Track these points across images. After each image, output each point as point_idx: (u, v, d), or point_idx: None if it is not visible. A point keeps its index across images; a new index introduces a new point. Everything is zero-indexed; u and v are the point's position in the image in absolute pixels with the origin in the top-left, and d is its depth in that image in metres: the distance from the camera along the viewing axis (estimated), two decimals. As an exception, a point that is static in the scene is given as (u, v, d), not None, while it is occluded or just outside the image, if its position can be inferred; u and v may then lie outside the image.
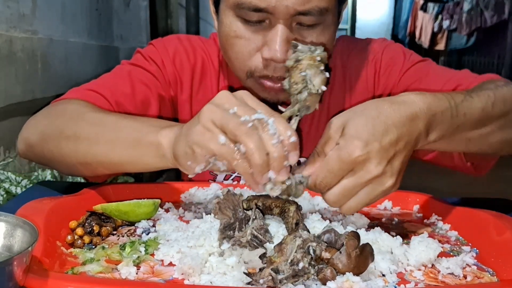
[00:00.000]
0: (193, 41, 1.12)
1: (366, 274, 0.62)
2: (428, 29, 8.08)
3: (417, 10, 8.45)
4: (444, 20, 7.59)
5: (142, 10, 3.21)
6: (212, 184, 0.98)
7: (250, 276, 0.58)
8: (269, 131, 0.63)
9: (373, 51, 1.10)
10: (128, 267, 0.63)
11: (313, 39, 0.91)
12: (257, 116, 0.64)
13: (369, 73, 1.09)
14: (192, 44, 1.11)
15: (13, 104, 1.56)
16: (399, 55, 1.08)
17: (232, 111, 0.64)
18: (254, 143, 0.62)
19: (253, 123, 0.63)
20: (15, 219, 0.59)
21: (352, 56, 1.11)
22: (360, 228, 0.75)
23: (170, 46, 1.09)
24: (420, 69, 1.05)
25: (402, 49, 1.11)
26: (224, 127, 0.63)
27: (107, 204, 0.78)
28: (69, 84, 2.03)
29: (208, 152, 0.65)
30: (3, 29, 1.52)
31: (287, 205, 0.72)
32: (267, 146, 0.62)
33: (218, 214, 0.70)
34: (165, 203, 0.91)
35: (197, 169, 0.67)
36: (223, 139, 0.63)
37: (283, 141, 0.63)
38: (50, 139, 0.88)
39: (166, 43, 1.10)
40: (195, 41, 1.13)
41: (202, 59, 1.10)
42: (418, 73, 1.04)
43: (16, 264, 0.50)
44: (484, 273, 0.67)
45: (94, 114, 0.89)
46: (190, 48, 1.10)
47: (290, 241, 0.60)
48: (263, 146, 0.62)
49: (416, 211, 0.93)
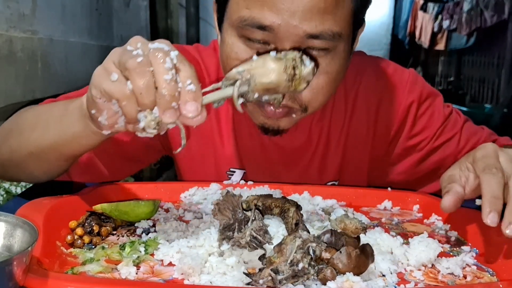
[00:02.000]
0: (187, 52, 1.07)
1: (366, 274, 0.62)
2: (428, 29, 8.08)
3: (417, 10, 8.45)
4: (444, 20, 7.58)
5: (142, 10, 3.21)
6: (212, 184, 0.98)
7: (250, 277, 0.58)
8: (165, 64, 0.59)
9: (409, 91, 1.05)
10: (128, 267, 0.63)
11: (321, 71, 0.84)
12: (157, 45, 0.60)
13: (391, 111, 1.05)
14: (187, 55, 1.03)
15: (13, 104, 1.56)
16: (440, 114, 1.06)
17: (131, 47, 0.61)
18: (142, 81, 0.58)
19: (150, 55, 0.59)
20: (15, 219, 0.59)
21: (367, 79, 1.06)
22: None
23: None
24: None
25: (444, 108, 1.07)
26: (120, 64, 0.61)
27: (107, 204, 0.78)
28: (69, 84, 2.04)
29: (101, 93, 0.62)
30: (3, 29, 1.52)
31: (287, 205, 0.72)
32: (157, 80, 0.59)
33: (218, 215, 0.70)
34: (165, 203, 0.91)
35: (102, 120, 0.64)
36: (115, 76, 0.60)
37: (181, 89, 0.59)
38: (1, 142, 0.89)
39: None
40: (191, 51, 1.08)
41: (198, 71, 1.05)
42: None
43: (16, 264, 0.50)
44: (484, 273, 0.67)
45: (37, 106, 0.89)
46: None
47: (290, 241, 0.60)
48: (152, 86, 0.59)
49: (416, 211, 0.93)
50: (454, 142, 1.05)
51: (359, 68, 1.06)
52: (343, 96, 1.06)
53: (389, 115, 1.06)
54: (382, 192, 0.97)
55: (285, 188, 0.97)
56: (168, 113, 0.59)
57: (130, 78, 0.60)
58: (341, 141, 1.07)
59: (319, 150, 1.07)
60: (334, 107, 1.06)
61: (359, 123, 1.07)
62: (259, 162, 1.07)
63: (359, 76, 1.06)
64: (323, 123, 1.06)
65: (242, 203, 0.72)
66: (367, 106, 1.06)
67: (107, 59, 0.64)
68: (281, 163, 1.08)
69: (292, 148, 1.06)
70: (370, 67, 1.08)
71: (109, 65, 0.63)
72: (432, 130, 1.05)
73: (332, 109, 1.06)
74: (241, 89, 0.65)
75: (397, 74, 1.07)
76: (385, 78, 1.06)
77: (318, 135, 1.06)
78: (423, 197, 0.95)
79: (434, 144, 1.06)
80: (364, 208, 0.93)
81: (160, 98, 0.59)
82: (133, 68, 0.59)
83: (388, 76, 1.07)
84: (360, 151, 1.08)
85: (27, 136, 0.84)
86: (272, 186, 0.97)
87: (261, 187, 0.97)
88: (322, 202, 0.92)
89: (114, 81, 0.60)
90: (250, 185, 0.98)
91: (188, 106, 0.60)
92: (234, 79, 0.66)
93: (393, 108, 1.06)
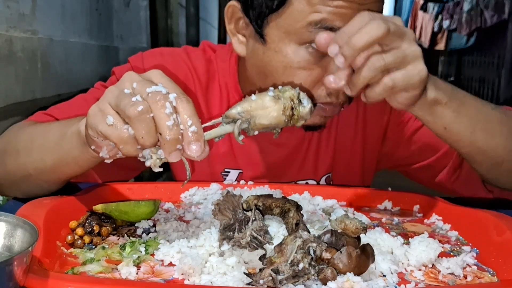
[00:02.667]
0: (176, 55, 1.07)
1: (367, 274, 0.61)
2: (428, 29, 8.08)
3: (417, 10, 8.45)
4: (444, 20, 7.59)
5: (142, 10, 3.21)
6: (212, 184, 0.98)
7: (250, 277, 0.58)
8: (166, 109, 0.60)
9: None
10: (128, 267, 0.63)
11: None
12: (155, 88, 0.61)
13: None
14: (175, 58, 1.06)
15: (13, 104, 1.56)
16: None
17: (128, 90, 0.62)
18: (144, 128, 0.60)
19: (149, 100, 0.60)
20: (15, 219, 0.59)
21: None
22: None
23: (148, 63, 1.03)
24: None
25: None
26: (117, 107, 0.62)
27: (107, 204, 0.78)
28: (69, 84, 2.04)
29: (97, 134, 0.63)
30: (3, 29, 1.52)
31: (288, 205, 0.72)
32: (159, 126, 0.60)
33: (218, 215, 0.70)
34: (165, 203, 0.91)
35: (103, 155, 0.66)
36: (111, 120, 0.61)
37: (183, 131, 0.61)
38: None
39: (145, 60, 1.04)
40: (179, 54, 1.07)
41: (185, 74, 1.05)
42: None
43: (16, 264, 0.50)
44: (484, 273, 0.67)
45: (32, 126, 0.90)
46: (172, 63, 1.05)
47: (290, 241, 0.60)
48: (153, 131, 0.60)
49: (416, 211, 0.93)
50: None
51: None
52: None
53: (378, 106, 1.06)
54: (382, 192, 0.97)
55: (285, 188, 0.97)
56: (174, 154, 0.61)
57: (132, 125, 0.61)
58: (332, 133, 1.09)
59: (312, 146, 1.08)
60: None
61: (348, 113, 1.08)
62: (254, 161, 1.07)
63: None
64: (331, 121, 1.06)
65: (243, 203, 0.72)
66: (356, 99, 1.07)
67: (102, 99, 0.64)
68: (277, 162, 1.08)
69: (288, 146, 1.07)
70: None
71: (105, 107, 0.63)
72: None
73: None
74: (241, 126, 0.69)
75: None
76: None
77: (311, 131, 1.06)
78: (423, 197, 0.95)
79: (416, 122, 1.06)
80: (365, 208, 0.93)
81: (165, 144, 0.61)
82: (134, 116, 0.60)
83: None
84: (351, 140, 1.10)
85: (24, 159, 0.84)
86: (272, 186, 0.97)
87: (261, 187, 0.97)
88: (323, 202, 0.92)
89: (110, 125, 0.62)
90: (250, 185, 0.98)
91: (192, 147, 0.61)
92: (234, 118, 0.69)
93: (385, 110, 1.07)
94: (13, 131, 0.93)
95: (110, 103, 0.63)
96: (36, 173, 0.83)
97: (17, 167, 0.85)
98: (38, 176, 0.84)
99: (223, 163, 1.08)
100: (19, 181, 0.87)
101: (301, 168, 1.09)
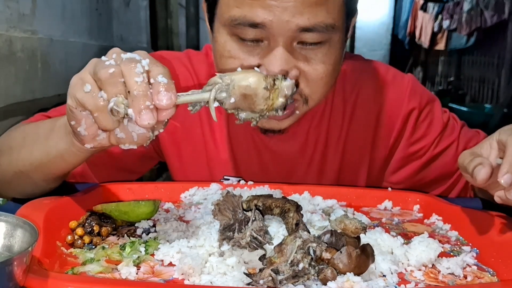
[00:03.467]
0: (178, 59, 1.06)
1: (367, 274, 0.61)
2: (428, 29, 8.07)
3: (417, 10, 8.44)
4: (444, 20, 7.58)
5: (142, 10, 3.22)
6: (212, 184, 0.98)
7: (250, 277, 0.58)
8: (136, 69, 0.59)
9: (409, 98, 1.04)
10: (128, 267, 0.63)
11: (317, 61, 0.83)
12: (130, 55, 0.61)
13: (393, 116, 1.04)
14: (177, 62, 1.06)
15: (13, 104, 1.56)
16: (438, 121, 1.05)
17: (107, 59, 0.62)
18: (114, 91, 0.59)
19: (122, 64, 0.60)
20: (15, 219, 0.59)
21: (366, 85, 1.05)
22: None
23: None
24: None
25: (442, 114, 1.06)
26: (94, 75, 0.62)
27: (107, 204, 0.78)
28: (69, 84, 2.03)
29: (76, 103, 0.63)
30: (3, 29, 1.53)
31: (288, 205, 0.72)
32: (128, 84, 0.59)
33: (218, 215, 0.70)
34: (165, 203, 0.91)
35: (81, 130, 0.65)
36: (88, 87, 0.61)
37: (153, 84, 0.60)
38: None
39: None
40: (181, 58, 1.07)
41: (186, 78, 1.05)
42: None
43: (16, 264, 0.50)
44: (484, 273, 0.67)
45: (26, 125, 0.90)
46: (173, 67, 1.04)
47: (290, 241, 0.60)
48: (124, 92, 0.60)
49: (416, 211, 0.93)
50: (453, 149, 1.05)
51: (358, 74, 1.05)
52: (341, 102, 1.04)
53: (389, 122, 1.05)
54: (382, 192, 0.97)
55: (285, 188, 0.97)
56: (144, 114, 0.59)
57: (103, 88, 0.61)
58: (339, 148, 1.06)
59: (316, 158, 1.05)
60: (332, 114, 1.04)
61: (358, 130, 1.05)
62: (255, 169, 1.06)
63: (358, 83, 1.05)
64: (320, 129, 1.04)
65: (242, 203, 0.72)
66: (366, 113, 1.05)
67: (84, 69, 0.65)
68: (278, 171, 1.06)
69: (289, 155, 1.05)
70: (368, 73, 1.06)
71: (85, 75, 0.64)
72: (432, 137, 1.05)
73: (330, 115, 1.04)
74: (219, 95, 0.66)
75: (396, 80, 1.06)
76: (384, 85, 1.05)
77: (315, 142, 1.05)
78: (423, 197, 0.95)
79: (434, 151, 1.05)
80: (365, 208, 0.93)
81: (133, 100, 0.59)
82: (104, 79, 0.60)
83: (388, 82, 1.06)
84: (358, 158, 1.07)
85: (16, 155, 0.84)
86: (272, 186, 0.97)
87: (261, 187, 0.97)
88: (322, 202, 0.92)
89: (87, 92, 0.62)
90: (250, 185, 0.98)
91: (161, 95, 0.60)
92: (215, 83, 0.66)
93: (393, 115, 1.05)
94: (9, 131, 0.94)
95: (90, 72, 0.63)
96: (26, 170, 0.83)
97: (9, 164, 0.86)
98: (28, 174, 0.83)
99: (223, 169, 1.07)
100: (11, 179, 0.87)
101: (303, 179, 1.06)
